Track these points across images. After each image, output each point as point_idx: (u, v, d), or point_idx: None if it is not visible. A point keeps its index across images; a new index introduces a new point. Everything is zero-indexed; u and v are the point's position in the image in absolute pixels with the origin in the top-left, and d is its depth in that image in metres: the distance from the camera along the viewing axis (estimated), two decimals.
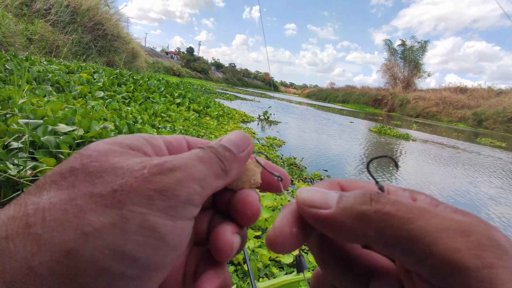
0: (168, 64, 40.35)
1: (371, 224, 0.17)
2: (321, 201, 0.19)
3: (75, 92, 3.86)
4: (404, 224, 0.16)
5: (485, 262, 0.14)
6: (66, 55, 8.60)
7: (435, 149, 8.07)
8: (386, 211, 0.17)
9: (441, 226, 0.15)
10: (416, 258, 0.15)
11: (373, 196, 0.18)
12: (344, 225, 0.18)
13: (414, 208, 0.16)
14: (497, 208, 3.43)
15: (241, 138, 0.25)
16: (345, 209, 0.18)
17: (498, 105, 26.11)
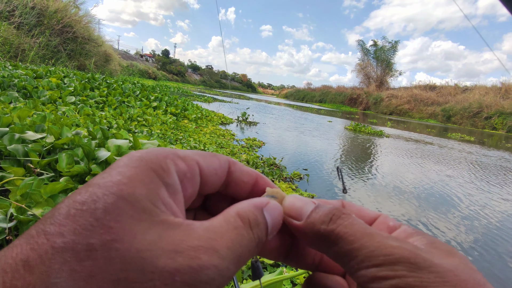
0: (143, 67, 39.38)
1: (324, 241, 0.21)
2: (296, 212, 0.23)
3: (44, 98, 3.68)
4: (346, 245, 0.19)
5: (396, 273, 0.17)
6: (33, 59, 8.18)
7: (408, 144, 8.42)
8: (336, 232, 0.20)
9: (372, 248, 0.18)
10: (350, 270, 0.19)
11: (334, 217, 0.21)
12: (307, 237, 0.22)
13: (358, 232, 0.19)
14: (467, 198, 3.63)
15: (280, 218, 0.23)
16: (309, 225, 0.22)
17: (464, 101, 27.65)
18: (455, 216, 2.95)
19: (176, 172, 0.20)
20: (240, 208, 0.20)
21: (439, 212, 3.02)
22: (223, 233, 0.18)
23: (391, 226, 0.24)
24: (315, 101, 47.90)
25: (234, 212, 0.20)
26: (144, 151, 0.20)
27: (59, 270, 0.14)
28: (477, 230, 2.68)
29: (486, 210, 3.27)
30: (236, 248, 0.18)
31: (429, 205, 3.20)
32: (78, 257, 0.14)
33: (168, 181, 0.19)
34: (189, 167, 0.21)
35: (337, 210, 0.21)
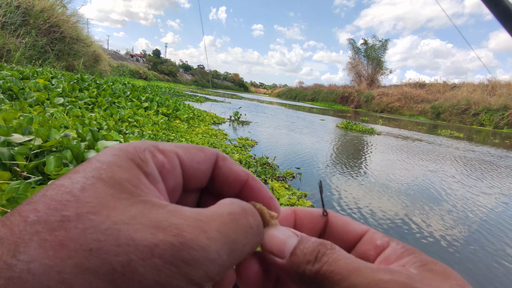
0: (134, 67, 38.94)
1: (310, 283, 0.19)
2: (278, 248, 0.21)
3: (31, 99, 3.60)
4: (333, 285, 0.18)
5: None
6: (19, 60, 7.99)
7: (398, 141, 8.53)
8: (322, 272, 0.18)
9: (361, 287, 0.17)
10: None
11: (319, 254, 0.19)
12: (292, 278, 0.20)
13: (344, 269, 0.18)
14: (456, 192, 3.70)
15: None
16: (293, 264, 0.20)
17: (453, 98, 28.17)
18: (433, 209, 3.00)
19: (155, 163, 0.19)
20: (237, 199, 0.20)
21: (419, 205, 3.06)
22: (215, 217, 0.17)
23: (378, 245, 0.22)
24: (307, 100, 48.12)
25: (230, 200, 0.19)
26: (124, 144, 0.19)
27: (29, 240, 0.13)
28: (454, 222, 2.73)
29: (468, 203, 3.33)
30: (228, 233, 0.17)
31: (411, 198, 3.25)
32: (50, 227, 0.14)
33: (147, 170, 0.19)
34: (168, 159, 0.20)
35: (322, 245, 0.20)
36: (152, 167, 0.19)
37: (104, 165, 0.17)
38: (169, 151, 0.21)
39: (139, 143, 0.20)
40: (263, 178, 3.17)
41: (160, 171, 0.20)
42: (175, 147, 0.21)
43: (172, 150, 0.21)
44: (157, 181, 0.19)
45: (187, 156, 0.21)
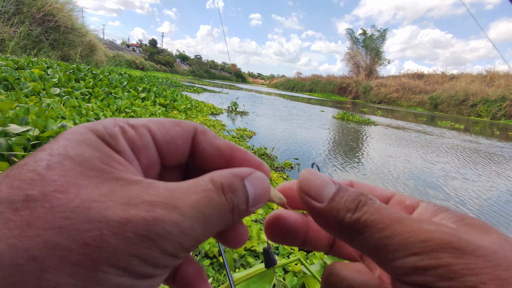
0: (130, 57, 38.49)
1: (348, 230, 0.18)
2: (316, 192, 0.20)
3: (26, 90, 3.57)
4: (374, 233, 0.17)
5: (441, 261, 0.15)
6: (14, 50, 7.87)
7: (395, 132, 8.55)
8: (363, 220, 0.18)
9: (405, 235, 0.16)
10: (382, 261, 0.17)
11: (360, 204, 0.18)
12: (328, 223, 0.19)
13: (387, 218, 0.17)
14: (453, 182, 3.74)
15: (265, 190, 0.21)
16: (332, 210, 0.19)
17: (451, 89, 28.16)
18: (420, 190, 3.04)
19: (125, 140, 0.19)
20: (215, 174, 0.19)
21: (411, 189, 3.10)
22: (189, 194, 0.17)
23: (408, 205, 0.22)
24: (305, 91, 47.93)
25: (208, 176, 0.18)
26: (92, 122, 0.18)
27: None
28: None
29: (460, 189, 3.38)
30: (202, 208, 0.17)
31: (408, 186, 3.29)
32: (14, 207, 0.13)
33: (118, 148, 0.18)
34: (139, 135, 0.19)
35: (363, 195, 0.19)
36: (123, 144, 0.18)
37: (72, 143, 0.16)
38: (140, 126, 0.20)
39: (108, 120, 0.19)
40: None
41: (132, 148, 0.19)
42: (148, 122, 0.20)
43: (144, 125, 0.20)
44: (131, 159, 0.19)
45: (161, 132, 0.20)
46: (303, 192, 0.20)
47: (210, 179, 0.18)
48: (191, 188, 0.17)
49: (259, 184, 0.20)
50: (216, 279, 1.31)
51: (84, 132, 0.17)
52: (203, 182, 0.18)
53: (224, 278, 1.31)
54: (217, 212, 0.17)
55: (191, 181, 0.18)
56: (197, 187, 0.17)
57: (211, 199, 0.17)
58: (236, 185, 0.19)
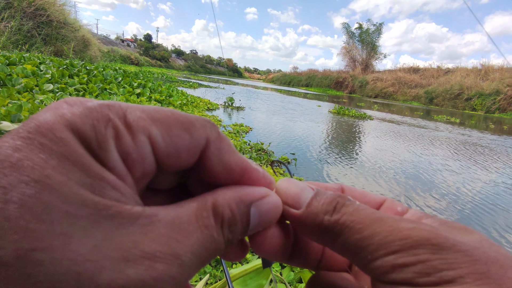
0: (125, 53, 38.04)
1: (327, 233, 0.18)
2: (293, 199, 0.20)
3: (19, 86, 3.51)
4: (353, 234, 0.17)
5: (419, 258, 0.15)
6: (5, 45, 7.74)
7: (394, 127, 8.59)
8: (342, 221, 0.18)
9: (384, 234, 0.16)
10: (362, 263, 0.17)
11: (338, 205, 0.18)
12: (307, 229, 0.19)
13: (366, 218, 0.17)
14: (452, 177, 3.77)
15: (273, 218, 0.19)
16: (310, 215, 0.19)
17: (446, 83, 28.32)
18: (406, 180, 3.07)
19: (118, 150, 0.15)
20: (219, 198, 0.17)
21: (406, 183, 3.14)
22: (191, 232, 0.15)
23: (399, 211, 0.22)
24: (301, 85, 47.88)
25: (210, 202, 0.17)
26: (71, 109, 0.14)
27: None
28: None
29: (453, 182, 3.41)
30: (201, 253, 0.15)
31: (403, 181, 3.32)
32: None
33: (109, 164, 0.14)
34: (137, 145, 0.15)
35: (340, 197, 0.19)
36: (115, 158, 0.15)
37: (51, 158, 0.12)
38: (139, 132, 0.15)
39: (97, 111, 0.14)
40: (258, 164, 3.19)
41: (125, 160, 0.15)
42: (151, 122, 0.16)
43: (145, 129, 0.16)
44: (123, 174, 0.15)
45: (165, 141, 0.16)
46: (281, 201, 0.20)
47: (212, 206, 0.17)
48: (192, 222, 0.16)
49: (269, 213, 0.19)
50: (213, 275, 1.31)
51: (63, 136, 0.13)
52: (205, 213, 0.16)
53: (221, 274, 1.32)
54: (214, 252, 0.17)
55: (192, 210, 0.16)
56: (199, 220, 0.16)
57: (212, 239, 0.16)
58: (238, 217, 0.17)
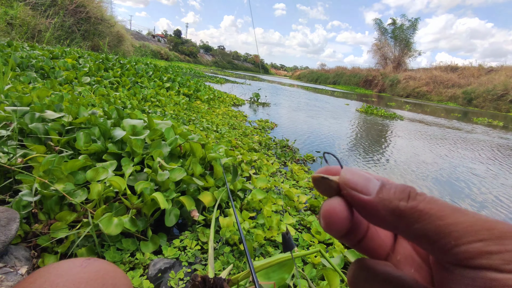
0: (156, 48, 39.25)
1: (403, 218, 0.18)
2: (363, 186, 0.20)
3: (60, 78, 3.75)
4: (434, 221, 0.17)
5: (507, 247, 0.16)
6: (49, 40, 8.28)
7: (427, 128, 8.20)
8: (420, 208, 0.18)
9: (468, 223, 0.17)
10: (441, 248, 0.17)
11: (411, 193, 0.19)
12: (379, 214, 0.20)
13: (446, 207, 0.18)
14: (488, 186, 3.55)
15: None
16: (383, 200, 0.19)
17: (489, 83, 26.41)
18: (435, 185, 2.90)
19: None
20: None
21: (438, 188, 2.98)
22: None
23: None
24: (328, 83, 46.87)
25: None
26: None
27: None
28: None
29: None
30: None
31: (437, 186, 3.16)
32: None
33: None
34: None
35: (411, 187, 0.19)
36: None
37: None
38: None
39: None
40: (282, 160, 3.18)
41: None
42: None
43: None
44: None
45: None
46: (350, 187, 0.21)
47: None
48: None
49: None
50: (236, 265, 1.34)
51: None
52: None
53: (244, 266, 1.34)
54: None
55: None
56: None
57: None
58: None
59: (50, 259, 1.07)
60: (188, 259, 1.33)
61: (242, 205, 1.89)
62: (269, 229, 1.66)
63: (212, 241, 1.28)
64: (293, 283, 1.27)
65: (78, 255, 1.12)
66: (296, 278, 1.32)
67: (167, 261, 1.26)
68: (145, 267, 1.23)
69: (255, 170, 2.60)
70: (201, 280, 0.94)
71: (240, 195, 1.94)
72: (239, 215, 1.70)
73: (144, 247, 1.30)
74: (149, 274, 1.18)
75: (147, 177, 1.51)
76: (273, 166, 2.78)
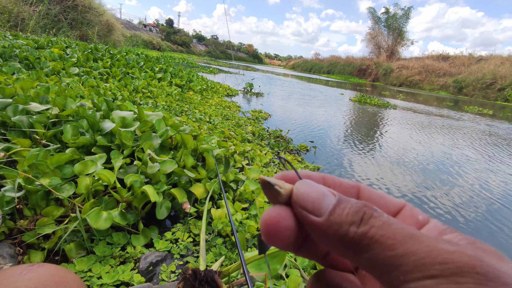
0: (147, 38, 38.45)
1: (352, 246, 0.17)
2: (314, 205, 0.18)
3: (47, 69, 3.65)
4: (384, 250, 0.15)
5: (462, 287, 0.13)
6: (34, 29, 8.02)
7: (420, 117, 8.26)
8: (370, 235, 0.16)
9: (421, 255, 0.15)
10: (391, 282, 0.15)
11: (365, 216, 0.17)
12: (328, 239, 0.18)
13: (399, 234, 0.16)
14: (476, 174, 3.61)
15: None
16: (333, 224, 0.17)
17: (478, 71, 26.69)
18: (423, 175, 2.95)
19: None
20: None
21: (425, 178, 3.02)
22: None
23: (420, 220, 0.20)
24: (322, 72, 46.74)
25: None
26: None
27: None
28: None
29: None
30: None
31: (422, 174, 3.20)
32: None
33: None
34: None
35: (367, 206, 0.17)
36: None
37: None
38: None
39: None
40: (276, 150, 3.17)
41: None
42: None
43: None
44: None
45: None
46: (300, 206, 0.19)
47: None
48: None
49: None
50: (228, 257, 1.34)
51: None
52: None
53: (237, 257, 1.34)
54: None
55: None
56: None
57: None
58: None
59: (37, 255, 1.04)
60: (180, 251, 1.32)
61: (235, 196, 1.88)
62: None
63: (203, 233, 1.27)
64: (285, 273, 1.28)
65: (66, 250, 1.10)
66: (288, 268, 1.33)
67: (158, 254, 1.25)
68: (136, 260, 1.21)
69: (248, 161, 2.58)
70: (191, 273, 0.93)
71: (232, 186, 1.93)
72: (231, 207, 1.70)
73: (135, 241, 1.29)
74: (140, 268, 1.17)
75: (137, 170, 1.48)
76: (266, 157, 2.77)
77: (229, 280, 1.00)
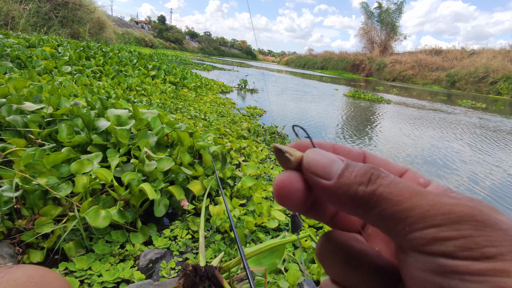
0: (139, 35, 37.99)
1: (361, 204, 0.18)
2: (324, 170, 0.19)
3: (39, 68, 3.60)
4: (391, 206, 0.17)
5: (462, 233, 0.15)
6: (24, 27, 7.88)
7: (414, 111, 8.33)
8: (378, 193, 0.17)
9: (425, 208, 0.16)
10: (398, 233, 0.17)
11: (372, 176, 0.18)
12: (339, 199, 0.19)
13: (405, 190, 0.17)
14: (466, 167, 3.67)
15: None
16: (343, 186, 0.19)
17: (471, 65, 26.94)
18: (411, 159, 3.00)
19: None
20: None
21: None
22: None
23: (421, 183, 0.21)
24: (316, 68, 46.76)
25: None
26: None
27: None
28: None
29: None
30: None
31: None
32: None
33: None
34: None
35: (374, 168, 0.18)
36: None
37: None
38: None
39: None
40: (272, 146, 3.18)
41: None
42: None
43: None
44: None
45: None
46: (310, 172, 0.20)
47: None
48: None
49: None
50: (228, 253, 1.35)
51: None
52: None
53: (236, 253, 1.35)
54: None
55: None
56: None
57: None
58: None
59: (36, 255, 1.04)
60: (179, 248, 1.33)
61: (232, 192, 1.89)
62: (259, 216, 1.67)
63: (202, 229, 1.28)
64: (284, 267, 1.30)
65: (65, 249, 1.10)
66: (287, 262, 1.35)
67: (157, 251, 1.26)
68: (135, 258, 1.22)
69: (244, 158, 2.59)
70: (192, 269, 0.94)
71: (230, 182, 1.94)
72: (229, 203, 1.71)
73: (134, 238, 1.29)
74: (140, 265, 1.17)
75: (134, 168, 1.48)
76: (262, 153, 2.78)
77: (229, 275, 1.01)
